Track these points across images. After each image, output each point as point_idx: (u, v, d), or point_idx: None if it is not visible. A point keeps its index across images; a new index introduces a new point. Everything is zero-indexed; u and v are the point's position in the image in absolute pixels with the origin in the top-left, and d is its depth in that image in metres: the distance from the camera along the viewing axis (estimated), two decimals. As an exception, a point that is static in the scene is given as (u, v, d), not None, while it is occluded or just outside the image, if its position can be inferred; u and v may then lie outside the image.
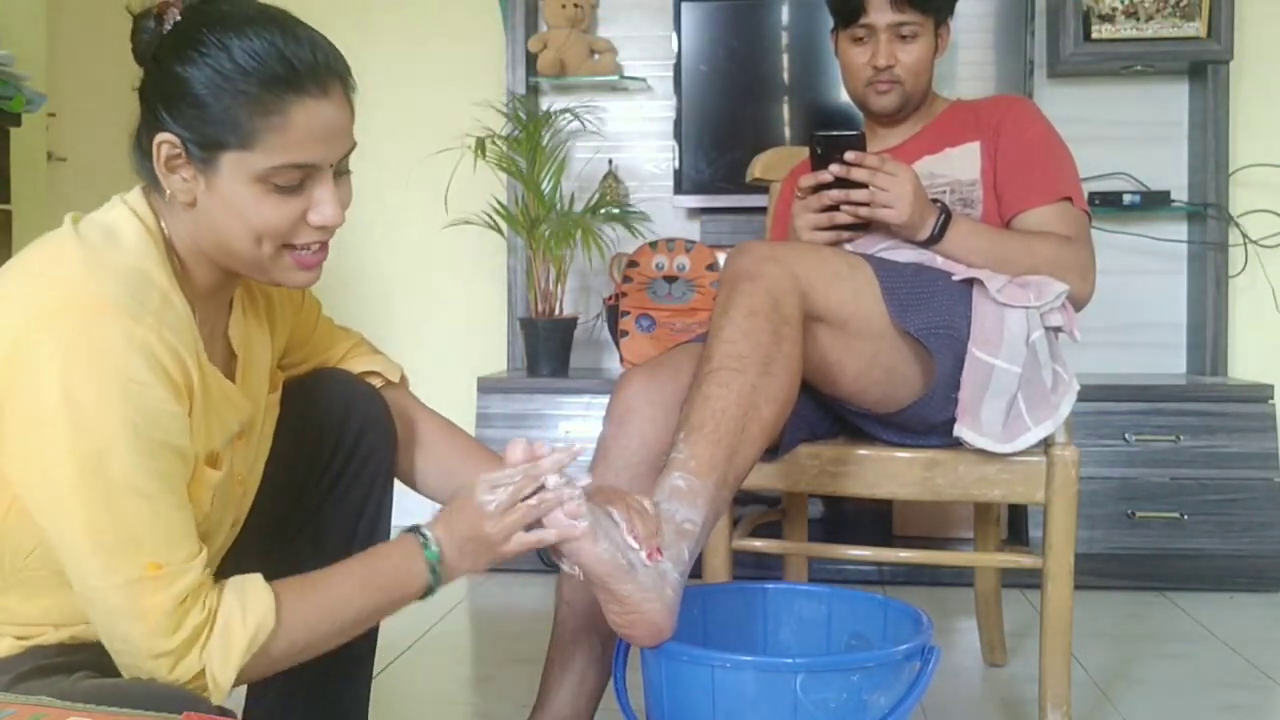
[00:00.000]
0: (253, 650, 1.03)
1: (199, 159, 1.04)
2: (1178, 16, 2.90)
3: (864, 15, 1.80)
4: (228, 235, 1.06)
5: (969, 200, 1.79)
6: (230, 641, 1.02)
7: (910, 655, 1.24)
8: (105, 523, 0.98)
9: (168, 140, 1.04)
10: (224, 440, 1.13)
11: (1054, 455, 1.60)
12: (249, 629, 1.02)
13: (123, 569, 0.98)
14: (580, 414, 2.82)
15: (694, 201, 3.13)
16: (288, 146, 1.04)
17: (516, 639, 2.32)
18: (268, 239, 1.06)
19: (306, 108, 1.04)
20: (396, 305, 3.41)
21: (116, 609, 0.99)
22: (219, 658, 1.02)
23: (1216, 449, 2.67)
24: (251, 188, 1.04)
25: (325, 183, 1.08)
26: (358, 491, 1.33)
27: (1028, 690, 1.99)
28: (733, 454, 1.33)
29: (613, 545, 1.17)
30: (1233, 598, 2.61)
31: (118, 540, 0.98)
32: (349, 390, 1.34)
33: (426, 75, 3.35)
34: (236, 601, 1.04)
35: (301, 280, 1.12)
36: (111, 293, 1.00)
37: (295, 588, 1.08)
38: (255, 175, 1.03)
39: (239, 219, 1.05)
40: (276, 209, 1.05)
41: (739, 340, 1.40)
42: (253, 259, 1.08)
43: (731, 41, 3.08)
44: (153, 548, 0.99)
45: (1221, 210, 2.96)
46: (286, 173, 1.04)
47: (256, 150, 1.03)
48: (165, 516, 1.00)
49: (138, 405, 0.98)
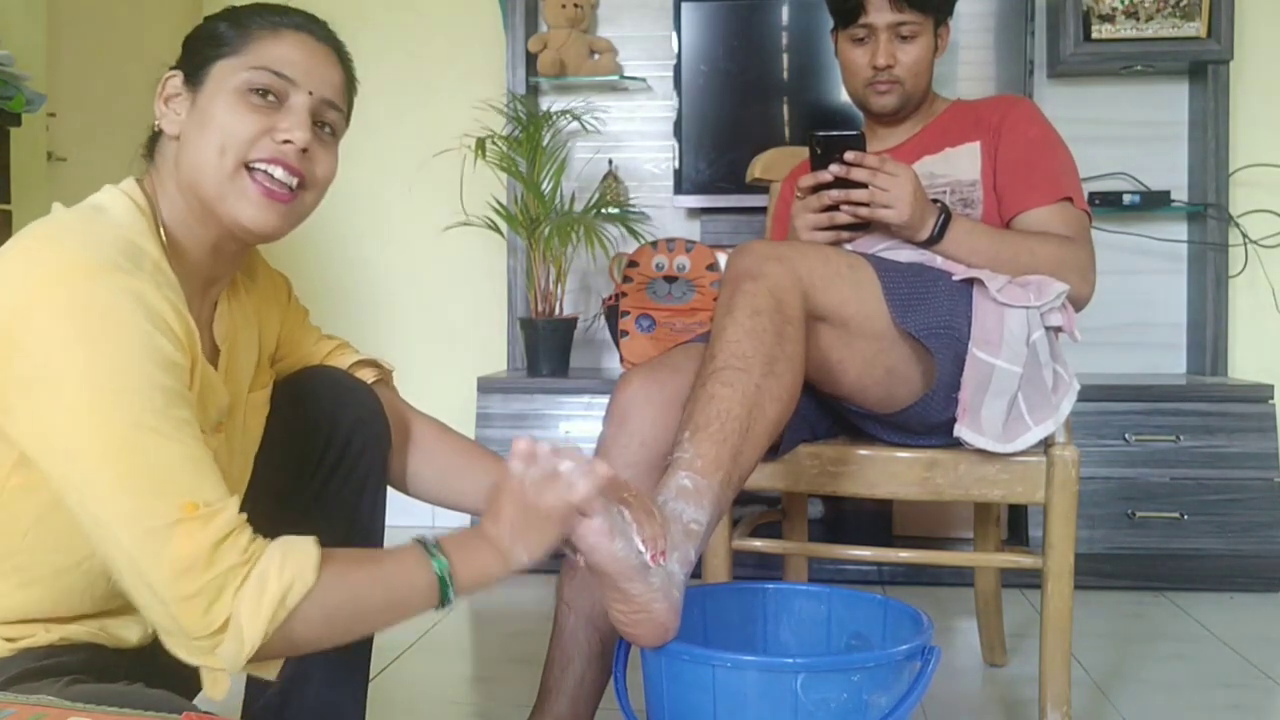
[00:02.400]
0: (287, 605, 0.96)
1: (193, 81, 1.12)
2: (1178, 16, 2.90)
3: (863, 15, 1.80)
4: (197, 155, 1.10)
5: (969, 200, 1.79)
6: (265, 589, 0.95)
7: (910, 655, 1.24)
8: (134, 468, 0.94)
9: (173, 75, 1.13)
10: (208, 425, 1.12)
11: (1054, 455, 1.60)
12: (285, 579, 0.96)
13: (159, 511, 0.94)
14: (580, 414, 2.82)
15: (694, 201, 3.13)
16: (267, 56, 1.11)
17: (516, 639, 2.32)
18: (231, 148, 1.09)
19: (301, 39, 1.13)
20: (397, 305, 3.41)
21: (148, 556, 0.94)
22: (249, 606, 0.95)
23: (1216, 449, 2.67)
24: (229, 96, 1.10)
25: (299, 110, 1.12)
26: (351, 488, 1.31)
27: (1028, 690, 1.99)
28: (737, 453, 1.33)
29: (627, 544, 1.16)
30: (1233, 598, 2.62)
31: (151, 483, 0.94)
32: (340, 386, 1.33)
33: (427, 76, 3.35)
34: (278, 550, 0.98)
35: (255, 215, 1.10)
36: (108, 255, 1.00)
37: (342, 556, 1.03)
38: (236, 82, 1.10)
39: (208, 129, 1.09)
40: (244, 118, 1.10)
41: (743, 340, 1.40)
42: (214, 181, 1.09)
43: (731, 41, 3.09)
44: (187, 486, 0.95)
45: (1221, 210, 2.96)
46: (264, 76, 1.10)
47: (244, 54, 1.11)
48: (194, 456, 0.97)
49: (149, 354, 0.97)
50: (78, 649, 1.08)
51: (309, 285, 3.33)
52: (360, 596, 1.03)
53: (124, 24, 2.99)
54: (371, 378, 1.38)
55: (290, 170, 1.11)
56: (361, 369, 1.38)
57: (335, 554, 1.01)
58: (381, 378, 1.40)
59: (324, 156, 1.16)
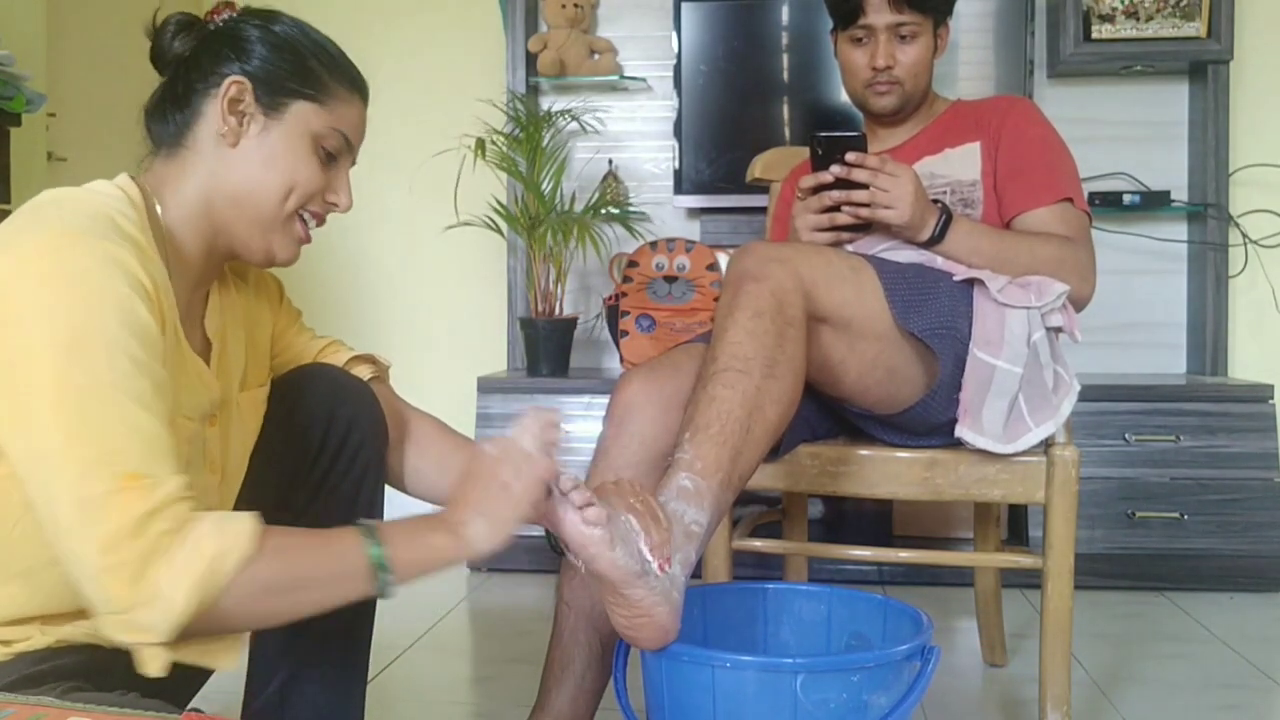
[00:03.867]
0: (217, 573, 0.93)
1: (266, 102, 1.12)
2: (1178, 16, 2.91)
3: (863, 16, 1.80)
4: (257, 185, 1.12)
5: (969, 201, 1.79)
6: (194, 555, 0.92)
7: (910, 655, 1.24)
8: (84, 434, 0.92)
9: (238, 80, 1.11)
10: (195, 414, 1.12)
11: (1054, 455, 1.60)
12: (217, 546, 0.93)
13: (100, 478, 0.92)
14: (580, 414, 2.82)
15: (694, 201, 3.13)
16: (344, 120, 1.16)
17: (516, 639, 2.32)
18: (296, 194, 1.14)
19: (361, 108, 1.20)
20: (397, 305, 3.41)
21: (82, 525, 0.92)
22: (177, 569, 0.91)
23: (1216, 449, 2.67)
24: (305, 142, 1.14)
25: (346, 170, 1.20)
26: (349, 484, 1.30)
27: (1028, 690, 1.99)
28: (738, 455, 1.33)
29: (628, 551, 1.16)
30: (1233, 598, 2.62)
31: (98, 451, 0.92)
32: (336, 383, 1.32)
33: (427, 76, 3.35)
34: (212, 519, 0.95)
35: (291, 254, 1.18)
36: (83, 224, 1.00)
37: (279, 532, 1.00)
38: (315, 131, 1.14)
39: (279, 167, 1.13)
40: (315, 173, 1.15)
41: (744, 341, 1.40)
42: (268, 216, 1.13)
43: (731, 41, 3.09)
44: (135, 459, 0.93)
45: (1221, 210, 2.96)
46: (336, 139, 1.16)
47: (326, 108, 1.15)
48: (147, 430, 0.95)
49: (123, 321, 0.96)
50: (74, 651, 1.07)
51: (309, 285, 3.34)
52: (295, 575, 1.00)
53: (124, 24, 2.98)
54: (367, 375, 1.38)
55: (322, 223, 1.20)
56: (357, 365, 1.38)
57: (272, 529, 0.98)
58: (377, 375, 1.39)
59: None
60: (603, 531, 1.13)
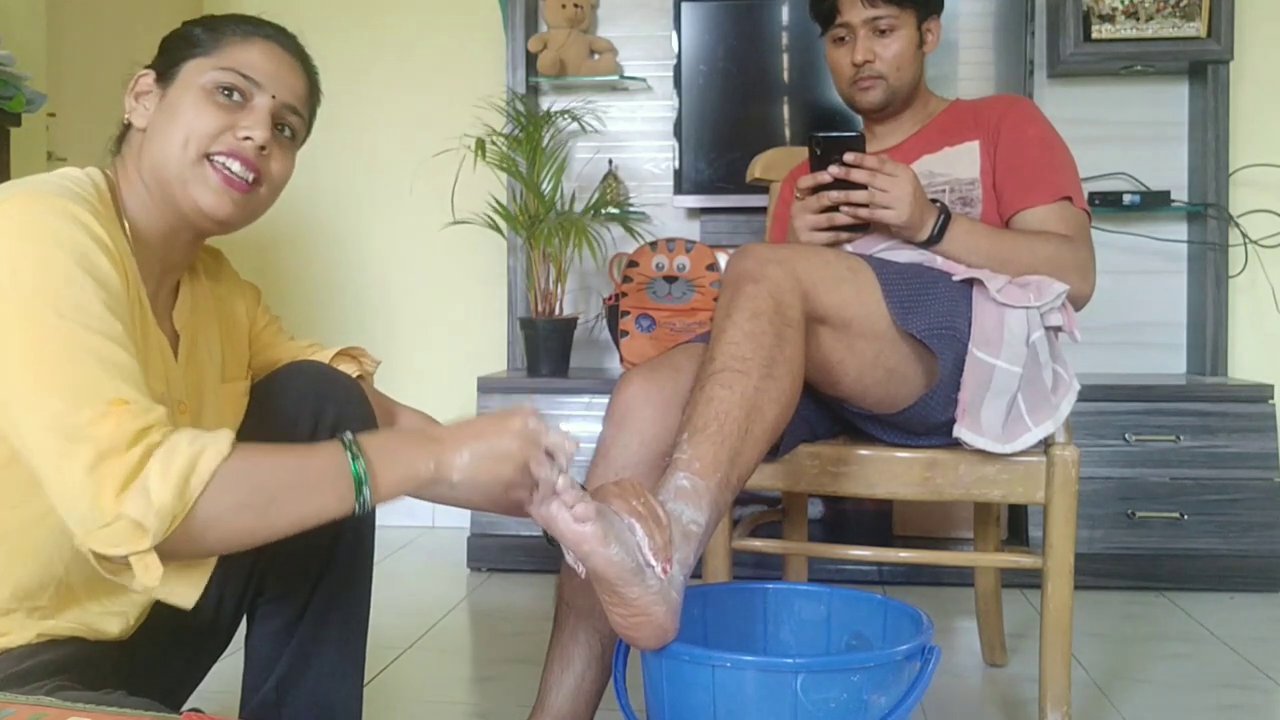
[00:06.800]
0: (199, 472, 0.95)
1: (165, 78, 1.18)
2: (1178, 16, 2.91)
3: (839, 15, 1.83)
4: (163, 143, 1.15)
5: (968, 200, 1.79)
6: (175, 454, 0.94)
7: (910, 655, 1.24)
8: (68, 367, 0.95)
9: (145, 74, 1.19)
10: (169, 402, 1.12)
11: (1054, 455, 1.60)
12: (197, 446, 0.96)
13: (88, 405, 0.94)
14: (580, 414, 2.82)
15: (694, 201, 3.13)
16: (237, 60, 1.18)
17: (516, 639, 2.32)
18: (194, 140, 1.15)
19: (269, 47, 1.20)
20: (397, 305, 3.41)
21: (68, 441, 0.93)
22: (159, 466, 0.93)
23: (1216, 449, 2.67)
24: (196, 93, 1.16)
25: (260, 110, 1.18)
26: None
27: (1028, 690, 1.99)
28: (736, 455, 1.33)
29: (624, 549, 1.16)
30: (1233, 598, 2.62)
31: (82, 382, 0.95)
32: (322, 378, 1.32)
33: (427, 76, 3.35)
34: (192, 431, 0.98)
35: (216, 202, 1.15)
36: (46, 188, 1.05)
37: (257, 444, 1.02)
38: (204, 80, 1.16)
39: (175, 122, 1.15)
40: (209, 113, 1.16)
41: (742, 342, 1.40)
42: (175, 167, 1.14)
43: (731, 41, 3.09)
44: (117, 387, 0.96)
45: (1221, 210, 2.96)
46: (231, 76, 1.17)
47: (213, 56, 1.17)
48: (128, 365, 0.98)
49: (88, 269, 1.00)
50: (59, 644, 1.07)
51: (309, 285, 3.34)
52: (274, 481, 1.01)
53: (124, 24, 2.99)
54: (354, 372, 1.38)
55: (247, 165, 1.16)
56: (341, 361, 1.38)
57: (251, 443, 1.01)
58: (360, 374, 1.39)
59: (281, 157, 1.21)
60: (594, 527, 1.12)
